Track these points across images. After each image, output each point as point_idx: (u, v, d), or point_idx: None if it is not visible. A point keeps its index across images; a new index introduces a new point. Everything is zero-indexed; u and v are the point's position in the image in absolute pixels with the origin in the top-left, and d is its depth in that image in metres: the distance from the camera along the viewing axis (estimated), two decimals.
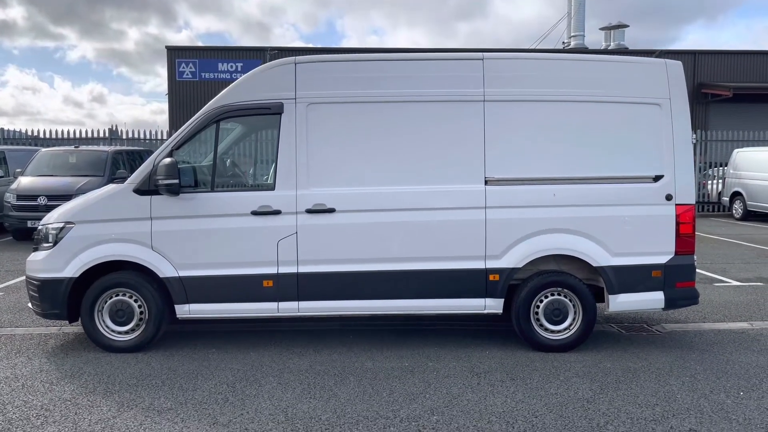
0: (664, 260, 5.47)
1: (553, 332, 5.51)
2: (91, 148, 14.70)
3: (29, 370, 5.08)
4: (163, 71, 44.37)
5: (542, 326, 5.51)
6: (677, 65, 5.63)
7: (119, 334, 5.48)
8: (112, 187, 5.65)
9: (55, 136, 19.41)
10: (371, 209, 5.37)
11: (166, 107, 27.41)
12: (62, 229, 5.43)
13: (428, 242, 5.38)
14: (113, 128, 19.71)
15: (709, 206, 19.69)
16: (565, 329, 5.52)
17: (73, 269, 5.36)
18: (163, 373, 4.99)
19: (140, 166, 5.58)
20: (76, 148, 14.25)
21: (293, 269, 5.37)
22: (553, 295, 5.51)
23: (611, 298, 5.47)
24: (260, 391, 4.61)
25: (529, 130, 5.43)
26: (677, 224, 5.46)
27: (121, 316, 5.47)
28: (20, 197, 12.26)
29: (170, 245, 5.36)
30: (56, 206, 6.20)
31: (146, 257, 5.36)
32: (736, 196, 17.79)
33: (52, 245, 5.44)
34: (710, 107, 26.35)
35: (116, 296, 5.46)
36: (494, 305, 5.47)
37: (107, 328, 5.48)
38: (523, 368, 5.09)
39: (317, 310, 5.46)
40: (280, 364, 5.21)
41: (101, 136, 19.45)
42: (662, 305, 5.54)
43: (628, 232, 5.45)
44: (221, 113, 5.44)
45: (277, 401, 4.41)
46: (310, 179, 5.36)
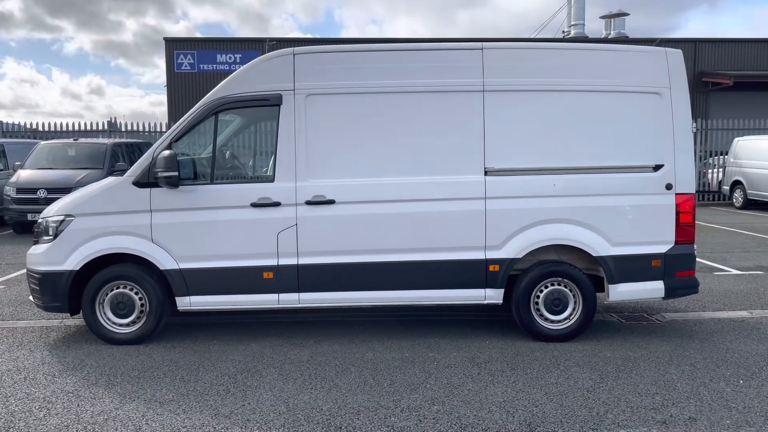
0: (664, 249, 5.48)
1: (553, 322, 5.52)
2: (90, 140, 14.67)
3: (31, 362, 5.10)
4: (161, 63, 44.18)
5: (542, 316, 5.52)
6: (677, 54, 5.61)
7: (120, 326, 5.50)
8: (111, 179, 5.65)
9: (54, 128, 19.38)
10: (371, 200, 5.36)
11: (164, 99, 27.39)
12: (62, 222, 5.43)
13: (428, 233, 5.38)
14: (112, 120, 19.65)
15: (709, 195, 19.68)
16: (565, 319, 5.53)
17: (73, 262, 5.36)
18: (164, 364, 5.01)
19: (139, 158, 5.58)
20: (75, 140, 14.24)
21: (293, 261, 5.37)
22: (553, 285, 5.51)
23: (611, 287, 5.48)
24: (261, 382, 4.63)
25: (528, 120, 5.42)
26: (677, 213, 5.46)
27: (122, 308, 5.49)
28: (20, 190, 12.28)
29: (170, 237, 5.36)
30: (56, 199, 6.22)
31: (146, 250, 5.36)
32: (736, 184, 17.78)
33: (52, 238, 5.44)
34: (711, 96, 26.28)
35: (117, 289, 5.47)
36: (494, 296, 5.49)
37: (108, 320, 5.49)
38: (523, 358, 5.11)
39: (317, 301, 5.47)
40: (281, 355, 5.23)
41: (100, 128, 19.42)
42: (662, 294, 5.55)
43: (628, 221, 5.45)
44: (220, 105, 5.43)
45: (278, 392, 4.43)
46: (309, 171, 5.36)
